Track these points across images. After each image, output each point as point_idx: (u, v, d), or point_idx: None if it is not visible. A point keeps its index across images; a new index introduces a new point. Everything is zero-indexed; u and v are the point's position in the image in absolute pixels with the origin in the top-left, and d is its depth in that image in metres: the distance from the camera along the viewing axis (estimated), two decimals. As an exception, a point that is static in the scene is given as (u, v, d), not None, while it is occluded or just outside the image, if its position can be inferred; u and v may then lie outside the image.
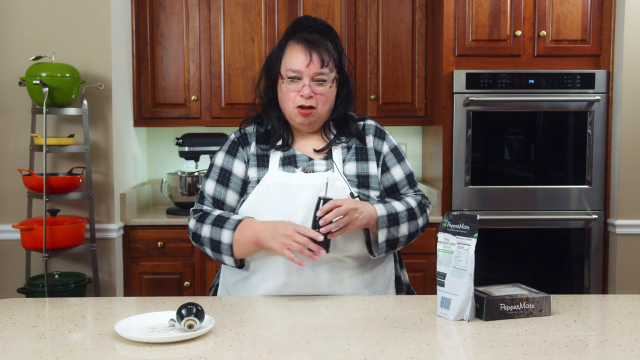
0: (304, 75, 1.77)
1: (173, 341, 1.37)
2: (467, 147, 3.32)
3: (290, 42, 1.82)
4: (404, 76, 3.60)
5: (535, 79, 3.31)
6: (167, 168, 3.82)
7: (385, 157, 1.87)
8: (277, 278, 1.74)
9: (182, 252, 3.29)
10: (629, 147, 3.28)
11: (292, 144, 1.85)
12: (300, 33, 1.82)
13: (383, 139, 1.89)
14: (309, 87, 1.77)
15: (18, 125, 3.09)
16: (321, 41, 1.80)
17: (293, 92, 1.78)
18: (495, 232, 3.31)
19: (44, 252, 2.81)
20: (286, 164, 1.81)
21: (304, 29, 1.83)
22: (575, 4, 3.32)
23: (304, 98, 1.77)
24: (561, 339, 1.40)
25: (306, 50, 1.77)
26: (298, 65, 1.77)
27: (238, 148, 1.86)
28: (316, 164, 1.82)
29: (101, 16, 3.10)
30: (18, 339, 1.41)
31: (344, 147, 1.85)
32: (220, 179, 1.84)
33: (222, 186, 1.83)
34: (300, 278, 1.73)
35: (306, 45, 1.78)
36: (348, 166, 1.82)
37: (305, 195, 1.74)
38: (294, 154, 1.83)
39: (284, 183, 1.76)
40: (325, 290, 1.75)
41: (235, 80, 3.54)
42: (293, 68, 1.77)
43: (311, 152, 1.84)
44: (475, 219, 1.53)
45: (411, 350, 1.33)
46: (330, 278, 1.75)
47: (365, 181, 1.81)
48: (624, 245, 3.30)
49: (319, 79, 1.78)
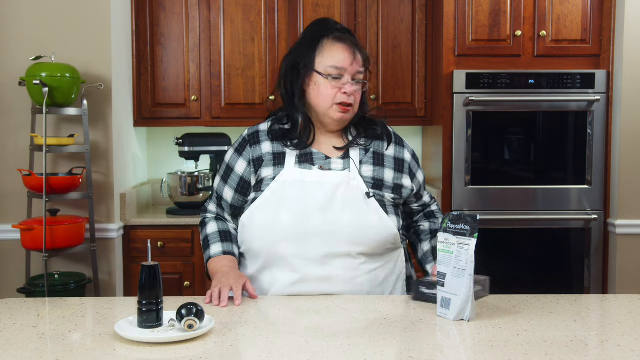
0: (347, 73, 1.79)
1: (173, 341, 1.37)
2: (467, 147, 3.32)
3: (327, 41, 1.81)
4: (404, 76, 3.60)
5: (535, 79, 3.31)
6: (167, 168, 3.82)
7: (410, 165, 1.92)
8: (290, 274, 1.75)
9: (182, 252, 3.29)
10: (629, 147, 3.28)
11: (312, 142, 1.85)
12: (333, 33, 1.82)
13: (403, 146, 1.93)
14: (351, 85, 1.79)
15: (18, 125, 3.09)
16: (357, 42, 1.84)
17: (333, 88, 1.79)
18: (495, 232, 3.31)
19: (44, 252, 2.81)
20: (303, 162, 1.82)
21: (334, 30, 1.83)
22: (575, 4, 3.32)
23: (346, 95, 1.78)
24: (561, 339, 1.40)
25: (350, 49, 1.80)
26: (342, 63, 1.78)
27: (245, 147, 1.87)
28: (333, 163, 1.82)
29: (101, 16, 3.10)
30: (18, 339, 1.41)
31: (362, 149, 1.86)
32: (224, 175, 1.89)
33: (223, 182, 1.90)
34: (314, 274, 1.74)
35: (349, 45, 1.81)
36: (365, 168, 1.83)
37: (320, 193, 1.75)
38: (311, 151, 1.84)
39: (299, 180, 1.77)
40: (338, 288, 1.76)
41: (235, 80, 3.54)
42: (337, 65, 1.78)
43: (328, 151, 1.85)
44: (475, 219, 1.53)
45: (411, 350, 1.33)
46: (343, 274, 1.75)
47: (380, 184, 1.83)
48: (624, 245, 3.30)
49: (358, 78, 1.81)
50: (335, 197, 1.75)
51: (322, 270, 1.74)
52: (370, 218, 1.76)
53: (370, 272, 1.79)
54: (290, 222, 1.74)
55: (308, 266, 1.74)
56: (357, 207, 1.76)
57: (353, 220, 1.74)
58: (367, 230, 1.76)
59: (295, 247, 1.74)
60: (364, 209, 1.76)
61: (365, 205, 1.77)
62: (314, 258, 1.74)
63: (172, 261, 3.28)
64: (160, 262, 1.57)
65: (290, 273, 1.75)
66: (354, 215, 1.75)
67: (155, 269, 1.47)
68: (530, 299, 1.71)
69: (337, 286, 1.76)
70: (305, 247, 1.74)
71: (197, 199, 3.49)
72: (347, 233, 1.74)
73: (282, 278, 1.76)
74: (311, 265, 1.74)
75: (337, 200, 1.75)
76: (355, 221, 1.75)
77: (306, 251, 1.74)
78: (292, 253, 1.75)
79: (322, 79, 1.79)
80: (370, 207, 1.77)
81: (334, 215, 1.74)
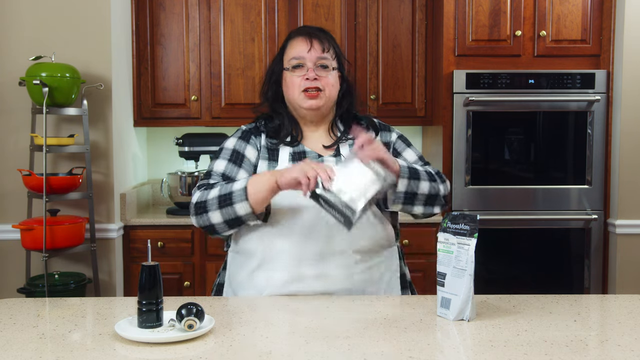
0: (307, 61, 1.82)
1: (173, 341, 1.37)
2: (467, 147, 3.32)
3: (290, 38, 1.90)
4: (404, 76, 3.60)
5: (535, 79, 3.31)
6: (167, 168, 3.82)
7: (394, 145, 1.92)
8: (286, 273, 1.75)
9: (182, 252, 3.29)
10: (629, 147, 3.28)
11: (301, 140, 1.88)
12: (297, 32, 1.91)
13: (389, 130, 1.94)
14: (313, 71, 1.81)
15: (18, 125, 3.09)
16: (320, 32, 1.88)
17: (297, 77, 1.82)
18: (495, 232, 3.31)
19: (44, 252, 2.81)
20: (296, 160, 1.83)
21: (301, 28, 1.93)
22: (575, 4, 3.32)
23: (309, 81, 1.81)
24: (561, 339, 1.40)
25: (306, 38, 1.85)
26: (300, 52, 1.83)
27: (250, 136, 1.88)
28: (326, 161, 1.83)
29: (101, 16, 3.10)
30: (18, 339, 1.41)
31: (351, 143, 1.87)
32: (233, 159, 1.83)
33: (234, 165, 1.82)
34: (310, 273, 1.74)
35: (306, 34, 1.86)
36: None
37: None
38: (303, 150, 1.85)
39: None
40: (334, 286, 1.76)
41: (235, 80, 3.54)
42: (295, 55, 1.83)
43: (320, 149, 1.87)
44: (475, 219, 1.53)
45: (411, 350, 1.33)
46: (339, 273, 1.76)
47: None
48: (624, 245, 3.30)
49: (322, 64, 1.83)
50: None
51: (318, 269, 1.75)
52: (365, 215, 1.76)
53: (365, 271, 1.79)
54: (286, 222, 1.75)
55: (304, 265, 1.74)
56: None
57: None
58: (362, 227, 1.76)
59: (290, 246, 1.74)
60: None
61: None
62: (310, 257, 1.74)
63: (172, 261, 3.28)
64: (160, 262, 1.57)
65: (286, 272, 1.75)
66: None
67: (155, 269, 1.47)
68: (530, 299, 1.71)
69: (333, 285, 1.76)
70: (300, 246, 1.74)
71: (197, 199, 3.49)
72: (342, 231, 1.74)
73: (277, 277, 1.76)
74: (307, 264, 1.74)
75: None
76: None
77: (302, 250, 1.74)
78: (287, 252, 1.74)
79: (288, 73, 1.85)
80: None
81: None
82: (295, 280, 1.75)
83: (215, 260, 3.28)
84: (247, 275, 1.83)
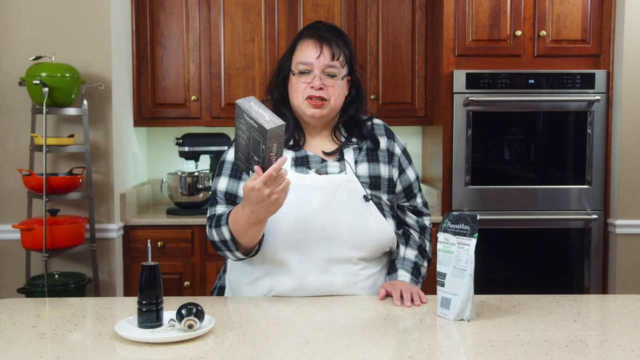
0: (315, 68, 1.77)
1: (173, 341, 1.37)
2: (467, 147, 3.32)
3: (301, 39, 1.83)
4: (404, 76, 3.60)
5: (535, 79, 3.31)
6: (167, 168, 3.82)
7: (399, 159, 1.89)
8: (291, 281, 1.73)
9: (182, 252, 3.29)
10: (629, 147, 3.28)
11: (303, 145, 1.84)
12: (309, 31, 1.83)
13: (393, 140, 1.91)
14: (319, 79, 1.77)
15: (18, 125, 3.09)
16: (332, 37, 1.81)
17: (303, 84, 1.78)
18: (495, 232, 3.31)
19: (44, 252, 2.81)
20: (299, 165, 1.80)
21: (314, 29, 1.84)
22: (575, 4, 3.32)
23: (314, 89, 1.77)
24: (561, 339, 1.41)
25: (317, 43, 1.78)
26: (308, 58, 1.78)
27: None
28: (329, 166, 1.81)
29: (101, 16, 3.10)
30: (18, 339, 1.41)
31: (355, 148, 1.85)
32: (233, 173, 1.81)
33: (234, 180, 1.81)
34: (315, 281, 1.73)
35: (317, 39, 1.79)
36: (360, 167, 1.82)
37: (318, 197, 1.74)
38: (306, 154, 1.82)
39: (296, 184, 1.74)
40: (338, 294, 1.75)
41: (235, 80, 3.54)
42: (303, 61, 1.78)
43: (323, 154, 1.84)
44: (475, 219, 1.54)
45: (411, 350, 1.33)
46: (344, 280, 1.75)
47: (377, 182, 1.82)
48: (624, 245, 3.30)
49: (329, 72, 1.78)
50: (334, 202, 1.74)
51: (323, 276, 1.73)
52: (369, 222, 1.76)
53: (369, 278, 1.79)
54: (290, 229, 1.72)
55: (309, 273, 1.73)
56: (355, 211, 1.75)
57: (352, 224, 1.74)
58: (366, 234, 1.75)
59: (295, 253, 1.73)
60: (363, 212, 1.76)
61: (364, 208, 1.76)
62: (315, 264, 1.73)
63: (172, 261, 3.28)
64: (160, 262, 1.57)
65: (291, 280, 1.74)
66: (353, 220, 1.74)
67: (155, 269, 1.47)
68: (530, 299, 1.71)
69: (338, 293, 1.75)
70: (305, 254, 1.72)
71: (197, 199, 3.49)
72: (347, 238, 1.73)
73: (282, 284, 1.74)
74: (312, 272, 1.73)
75: (336, 204, 1.74)
76: (355, 225, 1.74)
77: (307, 257, 1.73)
78: (292, 259, 1.73)
79: (294, 77, 1.80)
80: (368, 211, 1.76)
81: (334, 220, 1.73)
82: (299, 288, 1.74)
83: (215, 260, 3.28)
84: (250, 282, 1.81)
